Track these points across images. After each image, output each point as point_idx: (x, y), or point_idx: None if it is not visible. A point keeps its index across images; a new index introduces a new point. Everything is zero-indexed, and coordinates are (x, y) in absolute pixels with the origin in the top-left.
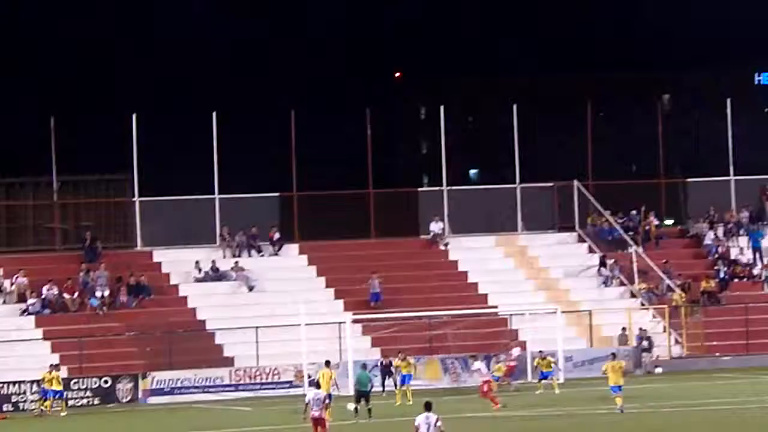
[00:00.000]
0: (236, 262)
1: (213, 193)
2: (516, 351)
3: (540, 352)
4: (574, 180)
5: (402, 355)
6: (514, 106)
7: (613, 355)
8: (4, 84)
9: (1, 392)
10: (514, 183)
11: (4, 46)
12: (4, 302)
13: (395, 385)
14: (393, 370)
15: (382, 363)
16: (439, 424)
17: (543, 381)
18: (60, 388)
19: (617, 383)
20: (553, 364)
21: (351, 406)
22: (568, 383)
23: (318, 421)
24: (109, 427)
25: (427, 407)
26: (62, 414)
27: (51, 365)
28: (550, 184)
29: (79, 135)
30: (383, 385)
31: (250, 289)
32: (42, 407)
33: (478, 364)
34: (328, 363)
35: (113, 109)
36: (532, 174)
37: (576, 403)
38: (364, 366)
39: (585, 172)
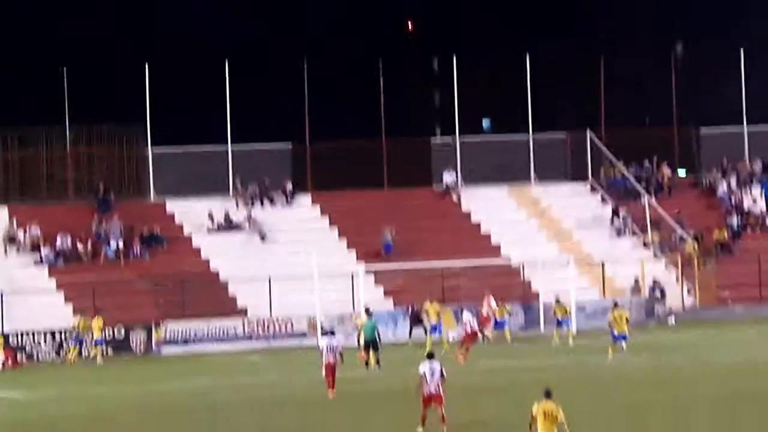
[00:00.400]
0: (249, 213)
1: (226, 144)
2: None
3: (556, 298)
4: (587, 130)
5: (497, 302)
6: (527, 56)
7: (615, 304)
8: (17, 34)
9: (16, 342)
10: (527, 133)
11: None
12: (18, 252)
13: (426, 332)
14: (424, 316)
15: (411, 309)
16: (443, 371)
17: (558, 330)
18: (100, 335)
19: (621, 332)
20: (568, 312)
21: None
22: (580, 334)
23: (329, 368)
24: (125, 377)
25: (430, 356)
26: (98, 362)
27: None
28: (563, 135)
29: (92, 85)
30: (410, 334)
31: (263, 239)
32: (73, 354)
33: (467, 316)
34: (368, 311)
35: (126, 59)
36: (544, 124)
37: (589, 354)
38: (368, 312)
39: (598, 122)
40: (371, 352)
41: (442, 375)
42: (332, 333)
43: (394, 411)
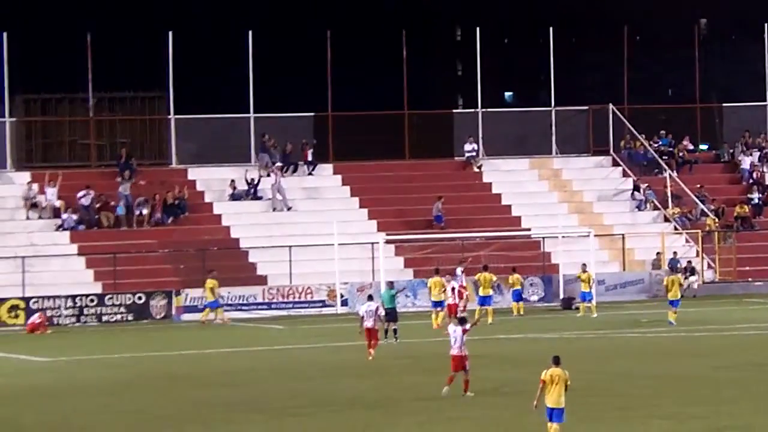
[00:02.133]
0: (273, 181)
1: (248, 112)
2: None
3: (584, 265)
4: (609, 103)
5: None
6: (550, 29)
7: (671, 269)
8: (42, 1)
9: (37, 307)
10: (549, 106)
11: None
12: (40, 217)
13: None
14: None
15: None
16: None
17: (584, 303)
18: (213, 298)
19: (676, 296)
20: (592, 283)
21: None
22: (600, 306)
23: (371, 332)
24: (144, 343)
25: (370, 298)
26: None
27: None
28: (585, 108)
29: (116, 52)
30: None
31: (284, 208)
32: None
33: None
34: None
35: (149, 26)
36: (567, 97)
37: (611, 326)
38: (390, 284)
39: (620, 95)
40: (389, 323)
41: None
42: (371, 298)
43: (419, 375)
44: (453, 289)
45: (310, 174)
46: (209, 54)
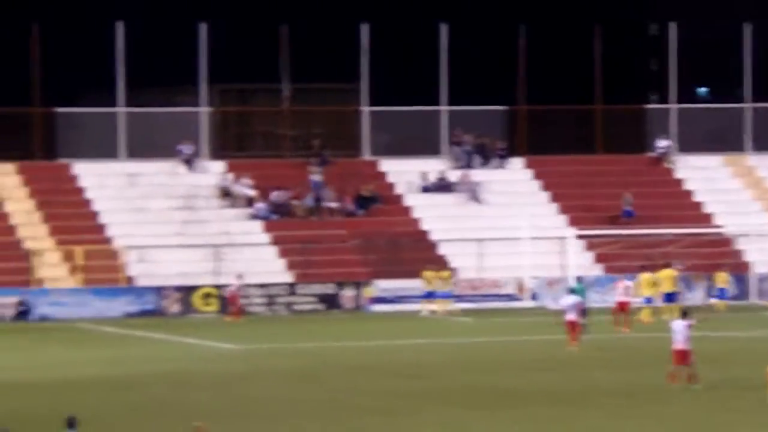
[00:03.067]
0: (462, 174)
1: (440, 105)
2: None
3: None
4: None
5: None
6: (745, 25)
7: None
8: None
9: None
10: (744, 102)
11: None
12: (232, 206)
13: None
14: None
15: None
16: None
17: None
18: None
19: None
20: None
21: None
22: None
23: (573, 325)
24: (333, 333)
25: (571, 291)
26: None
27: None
28: None
29: (311, 44)
30: None
31: (475, 201)
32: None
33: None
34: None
35: (345, 18)
36: (763, 93)
37: None
38: (579, 279)
39: None
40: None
41: (689, 333)
42: (573, 291)
43: (606, 370)
44: (626, 287)
45: (501, 167)
46: (403, 46)
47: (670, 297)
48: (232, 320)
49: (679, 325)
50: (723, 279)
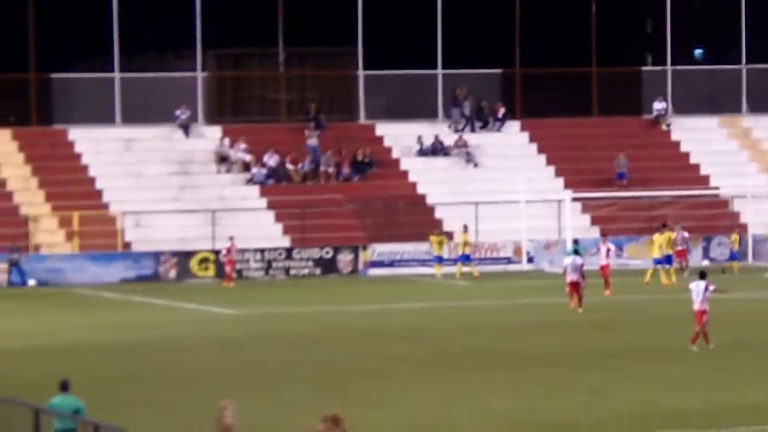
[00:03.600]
0: (458, 138)
1: (437, 68)
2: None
3: None
4: None
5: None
6: None
7: None
8: None
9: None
10: (740, 63)
11: None
12: (228, 171)
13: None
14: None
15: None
16: (708, 289)
17: None
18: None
19: None
20: None
21: None
22: None
23: (575, 285)
24: (331, 298)
25: (575, 252)
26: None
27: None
28: None
29: (307, 8)
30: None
31: (471, 164)
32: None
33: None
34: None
35: None
36: (759, 55)
37: None
38: (575, 242)
39: None
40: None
41: (707, 292)
42: (576, 252)
43: (604, 333)
44: (608, 250)
45: (497, 130)
46: (399, 10)
47: (668, 259)
48: (227, 285)
49: (698, 285)
50: (735, 240)
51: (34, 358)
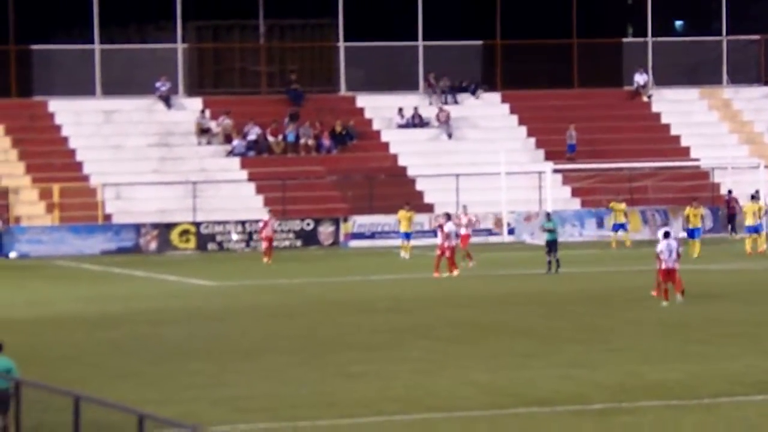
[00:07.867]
0: (439, 110)
1: (417, 40)
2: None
3: (754, 195)
4: None
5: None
6: None
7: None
8: None
9: (208, 231)
10: (721, 35)
11: None
12: (209, 143)
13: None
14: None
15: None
16: (679, 250)
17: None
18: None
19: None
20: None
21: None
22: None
23: (669, 274)
24: (312, 269)
25: (666, 235)
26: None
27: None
28: (757, 37)
29: None
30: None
31: (451, 136)
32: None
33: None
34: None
35: None
36: (739, 26)
37: None
38: (548, 215)
39: None
40: (551, 254)
41: (678, 253)
42: (667, 235)
43: (584, 305)
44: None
45: (477, 102)
46: None
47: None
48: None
49: (670, 245)
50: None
51: (16, 329)
